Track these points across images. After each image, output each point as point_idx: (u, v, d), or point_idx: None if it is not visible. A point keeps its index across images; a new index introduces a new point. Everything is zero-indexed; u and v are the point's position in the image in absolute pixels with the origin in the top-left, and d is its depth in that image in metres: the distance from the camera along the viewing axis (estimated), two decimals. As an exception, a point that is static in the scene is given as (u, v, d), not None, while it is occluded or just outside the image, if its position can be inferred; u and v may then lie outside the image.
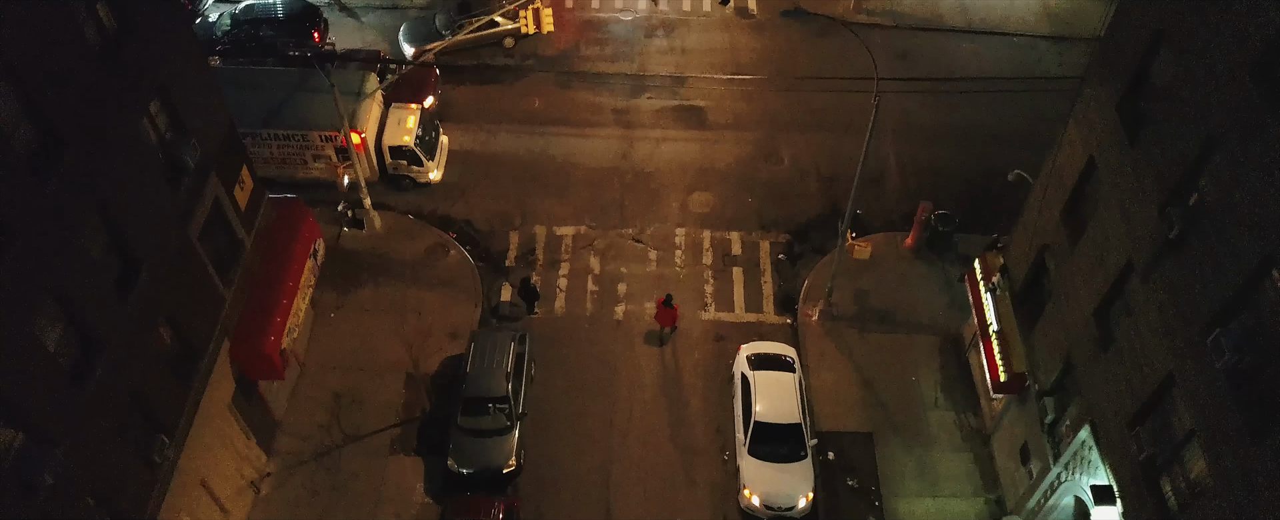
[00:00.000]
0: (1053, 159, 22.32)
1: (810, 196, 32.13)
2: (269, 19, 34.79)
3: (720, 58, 36.62)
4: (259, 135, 29.20)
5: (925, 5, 38.87)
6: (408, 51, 35.06)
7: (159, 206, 19.35)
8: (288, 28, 34.72)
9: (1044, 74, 36.32)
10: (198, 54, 20.84)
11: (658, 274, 29.84)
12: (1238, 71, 15.18)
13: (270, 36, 34.37)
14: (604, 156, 33.12)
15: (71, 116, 16.40)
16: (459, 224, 31.17)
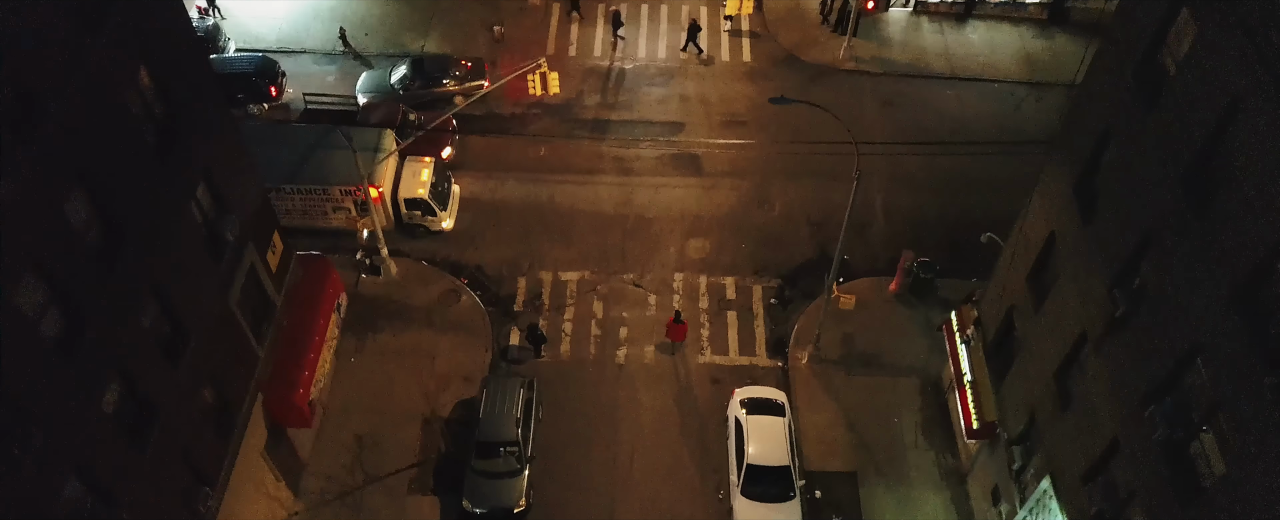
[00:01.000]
0: (1020, 226, 24.28)
1: (800, 242, 34.07)
2: (225, 74, 36.07)
3: (716, 105, 38.57)
4: (283, 190, 31.12)
5: (910, 52, 40.82)
6: (361, 101, 36.74)
7: (204, 280, 21.28)
8: (242, 83, 36.33)
9: (1022, 118, 38.30)
10: (235, 134, 22.78)
11: (657, 318, 31.78)
12: (1170, 177, 17.13)
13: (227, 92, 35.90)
14: (606, 203, 35.06)
15: (131, 210, 18.33)
16: (470, 269, 33.12)
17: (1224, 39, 15.54)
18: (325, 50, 40.00)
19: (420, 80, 36.93)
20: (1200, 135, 16.16)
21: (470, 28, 41.23)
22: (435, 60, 37.64)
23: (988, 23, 42.14)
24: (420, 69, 37.24)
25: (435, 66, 37.41)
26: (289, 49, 40.07)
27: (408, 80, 36.86)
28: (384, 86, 36.97)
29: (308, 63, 39.68)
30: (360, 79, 37.64)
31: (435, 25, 41.16)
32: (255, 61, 36.85)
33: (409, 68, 37.26)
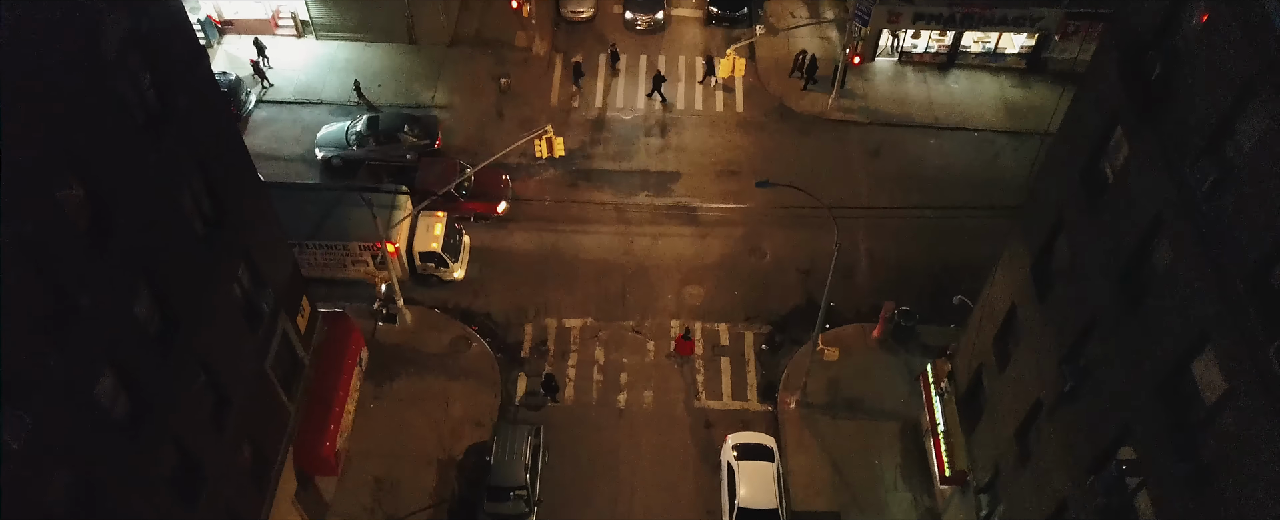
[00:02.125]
0: (987, 293, 26.52)
1: (789, 289, 36.29)
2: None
3: (711, 156, 40.78)
4: (306, 245, 33.30)
5: (896, 102, 43.04)
6: (318, 155, 38.74)
7: (244, 350, 23.49)
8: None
9: (1001, 167, 40.51)
10: (271, 214, 24.99)
11: (655, 363, 34.00)
12: (1109, 274, 19.35)
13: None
14: (607, 251, 37.27)
15: (185, 297, 20.54)
16: (479, 316, 35.32)
17: (1149, 163, 17.78)
18: (341, 101, 42.18)
19: (374, 136, 38.90)
20: (1131, 243, 18.39)
21: (478, 79, 43.45)
22: (389, 117, 39.50)
23: (969, 72, 44.37)
24: (375, 126, 39.10)
25: (389, 123, 39.19)
26: (306, 100, 42.26)
27: (363, 136, 38.87)
28: (340, 141, 38.96)
29: (324, 114, 41.85)
30: (320, 132, 39.62)
31: (444, 77, 43.37)
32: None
33: (365, 124, 39.15)
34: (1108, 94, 19.42)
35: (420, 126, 39.33)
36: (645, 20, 45.58)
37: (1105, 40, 20.11)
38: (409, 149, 38.84)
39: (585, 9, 46.05)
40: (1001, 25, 42.24)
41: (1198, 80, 16.37)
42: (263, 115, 41.65)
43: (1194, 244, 16.22)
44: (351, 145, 38.67)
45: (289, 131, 40.94)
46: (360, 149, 38.60)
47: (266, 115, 41.66)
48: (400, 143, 38.78)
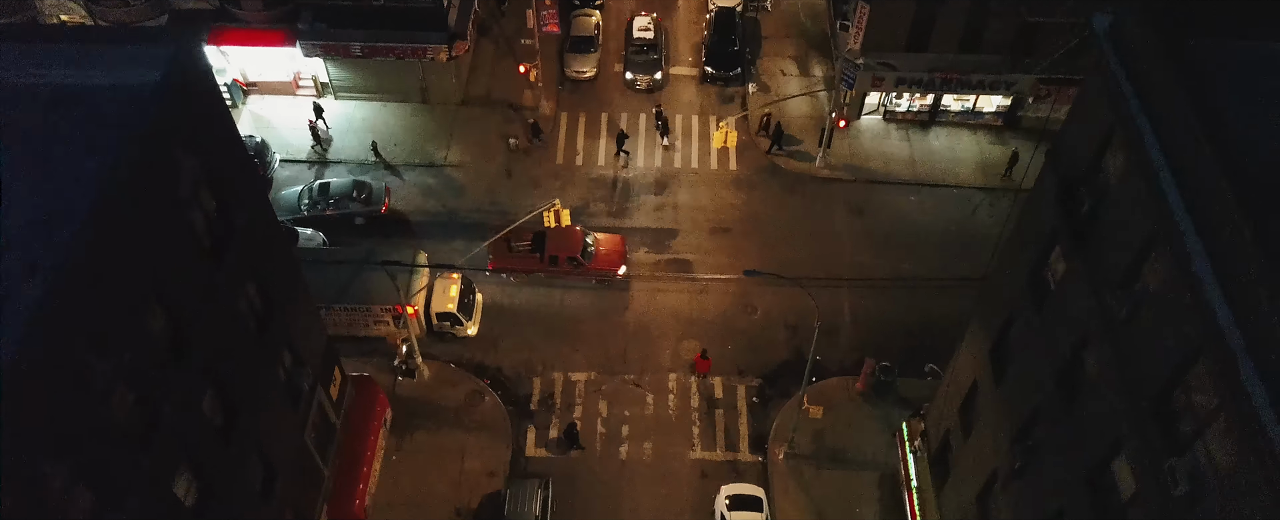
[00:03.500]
0: (953, 364, 29.35)
1: (778, 344, 39.11)
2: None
3: (706, 213, 43.60)
4: (332, 307, 36.09)
5: (879, 159, 45.88)
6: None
7: (287, 426, 26.31)
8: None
9: (977, 223, 43.31)
10: (309, 301, 27.80)
11: (655, 416, 36.83)
12: (1050, 371, 22.18)
13: None
14: (609, 307, 40.07)
15: (242, 391, 23.35)
16: (491, 371, 38.13)
17: (1080, 284, 20.61)
18: (359, 160, 45.00)
19: (324, 201, 41.68)
20: (1066, 350, 21.22)
21: (488, 138, 46.27)
22: (340, 184, 42.10)
23: (949, 129, 47.21)
24: (326, 192, 41.91)
25: (339, 189, 41.89)
26: (327, 159, 45.07)
27: (314, 202, 41.68)
28: (293, 206, 41.73)
29: (343, 172, 44.65)
30: (277, 194, 42.45)
31: (456, 137, 46.19)
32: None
33: (317, 190, 42.01)
34: (1048, 214, 22.26)
35: (368, 192, 42.01)
36: (644, 80, 48.40)
37: (1048, 162, 22.93)
38: (358, 213, 41.54)
39: (588, 69, 48.87)
40: (978, 89, 45.10)
41: (1118, 221, 19.20)
42: (286, 174, 44.47)
43: (1112, 363, 19.04)
44: (303, 210, 41.50)
45: (311, 191, 43.76)
46: (311, 213, 41.40)
47: (289, 174, 44.48)
48: (349, 207, 41.46)
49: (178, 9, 44.34)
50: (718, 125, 43.06)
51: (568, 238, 40.02)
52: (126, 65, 20.44)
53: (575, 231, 40.39)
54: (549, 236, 40.07)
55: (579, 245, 39.83)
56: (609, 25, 51.93)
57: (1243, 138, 17.37)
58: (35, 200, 18.72)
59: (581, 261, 39.63)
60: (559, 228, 40.26)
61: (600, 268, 40.04)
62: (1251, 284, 14.86)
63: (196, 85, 21.35)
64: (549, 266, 39.83)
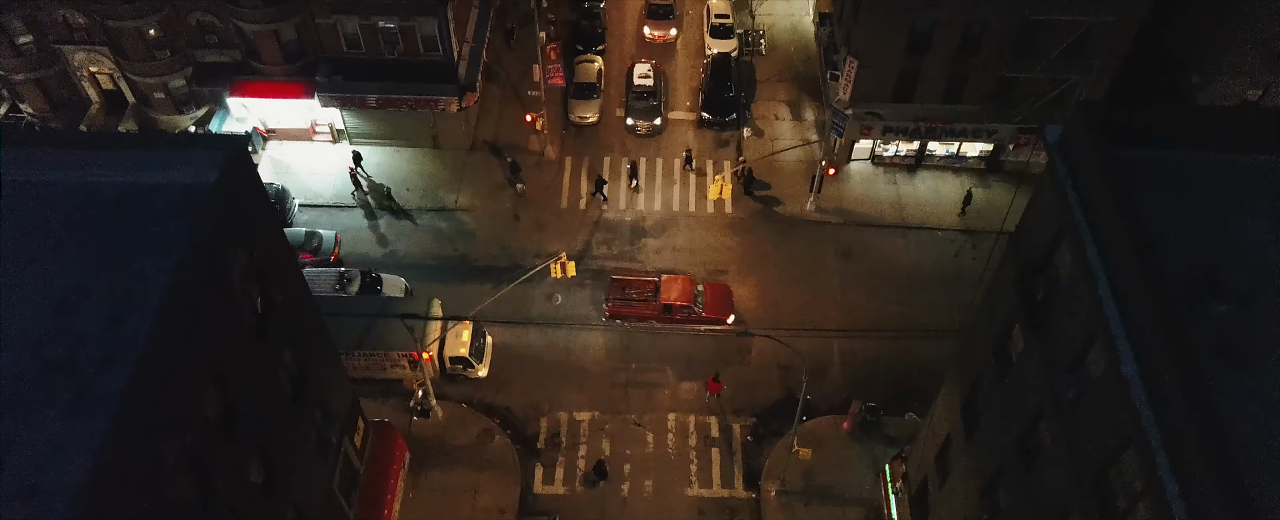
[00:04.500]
0: (931, 415, 31.75)
1: (771, 384, 41.50)
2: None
3: (703, 255, 46.00)
4: (352, 354, 38.48)
5: (868, 203, 48.29)
6: None
7: (318, 476, 28.70)
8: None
9: (960, 265, 45.69)
10: (337, 362, 30.18)
11: (656, 454, 39.22)
12: (1012, 434, 24.57)
13: None
14: (612, 348, 42.45)
15: (281, 451, 25.73)
16: (501, 411, 40.53)
17: (1035, 363, 23.01)
18: (374, 205, 47.39)
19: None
20: (1025, 418, 23.62)
21: (496, 182, 48.66)
22: (294, 234, 44.12)
23: (935, 173, 49.63)
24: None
25: (293, 239, 43.79)
26: (343, 204, 47.48)
27: None
28: None
29: (359, 216, 47.06)
30: None
31: (466, 181, 48.59)
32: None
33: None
34: (1009, 294, 24.65)
35: (319, 241, 44.46)
36: (645, 126, 50.81)
37: (1010, 246, 25.31)
38: (309, 261, 43.86)
39: (591, 114, 51.28)
40: (962, 137, 47.53)
41: (1066, 313, 21.60)
42: (306, 218, 46.86)
43: (1059, 438, 21.45)
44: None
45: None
46: None
47: (308, 219, 46.87)
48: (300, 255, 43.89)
49: (202, 62, 46.75)
50: (713, 178, 45.45)
51: (681, 288, 42.30)
52: (183, 167, 22.81)
53: (688, 281, 42.66)
54: (662, 286, 42.35)
55: (691, 295, 42.12)
56: (611, 70, 54.33)
57: (1171, 244, 19.83)
58: (104, 296, 21.11)
59: (694, 310, 41.84)
60: (673, 277, 42.69)
61: (712, 316, 42.30)
62: (1169, 387, 17.26)
63: (246, 184, 23.72)
64: (663, 315, 42.09)
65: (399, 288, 42.80)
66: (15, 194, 22.81)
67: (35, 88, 47.25)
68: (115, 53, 45.72)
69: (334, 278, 42.05)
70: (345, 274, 42.21)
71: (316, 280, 41.62)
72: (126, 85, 47.78)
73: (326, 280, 41.95)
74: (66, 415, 19.07)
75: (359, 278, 42.21)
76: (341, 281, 41.87)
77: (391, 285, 42.79)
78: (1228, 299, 18.81)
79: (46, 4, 44.05)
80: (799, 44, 56.32)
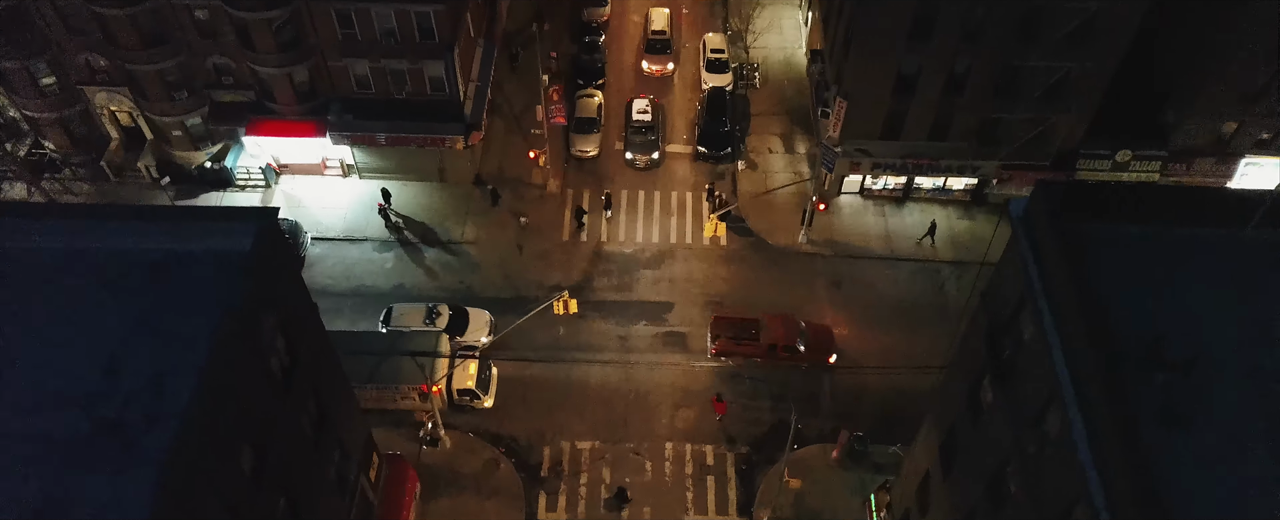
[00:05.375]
0: (912, 451, 33.73)
1: (763, 413, 43.45)
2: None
3: (699, 287, 47.96)
4: (365, 387, 40.45)
5: (857, 234, 50.26)
6: None
7: (336, 511, 30.67)
8: None
9: (945, 296, 47.69)
10: (352, 396, 32.13)
11: (653, 483, 41.17)
12: (983, 478, 26.54)
13: None
14: (611, 379, 44.41)
15: (305, 491, 27.69)
16: (506, 440, 42.48)
17: (1002, 416, 24.99)
18: (383, 238, 49.34)
19: None
20: (994, 464, 25.60)
21: (500, 215, 50.61)
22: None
23: (922, 205, 51.61)
24: None
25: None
26: (353, 237, 49.43)
27: None
28: None
29: (369, 250, 49.02)
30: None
31: (471, 214, 50.54)
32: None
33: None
34: (979, 349, 26.63)
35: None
36: (643, 160, 52.78)
37: (981, 303, 27.28)
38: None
39: (591, 148, 53.24)
40: (947, 172, 49.50)
41: (1029, 372, 23.58)
42: (317, 252, 48.82)
43: (1022, 487, 23.42)
44: None
45: (338, 269, 48.09)
46: None
47: (320, 252, 48.84)
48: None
49: (218, 101, 48.70)
50: (708, 216, 47.43)
51: (786, 327, 44.08)
52: (219, 236, 24.78)
53: (793, 321, 44.46)
54: (767, 326, 44.11)
55: (796, 334, 43.98)
56: (610, 104, 56.30)
57: (1122, 313, 21.82)
58: (148, 357, 23.09)
59: (799, 350, 43.77)
60: (778, 316, 44.37)
61: (815, 356, 44.13)
62: (1112, 451, 19.24)
63: (276, 251, 25.68)
64: (768, 354, 43.88)
65: (484, 322, 44.74)
66: (66, 260, 24.79)
67: (57, 125, 49.23)
68: (135, 93, 47.67)
69: (424, 311, 44.04)
70: (433, 308, 44.26)
71: (407, 313, 43.85)
72: (145, 123, 49.75)
73: (416, 313, 43.96)
74: (116, 474, 21.05)
75: (447, 312, 44.21)
76: (430, 316, 43.83)
77: (477, 319, 44.78)
78: (1169, 368, 20.78)
79: (70, 48, 46.01)
80: (792, 77, 58.30)
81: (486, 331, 44.42)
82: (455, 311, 44.56)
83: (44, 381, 22.65)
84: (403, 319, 43.92)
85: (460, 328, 44.22)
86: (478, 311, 45.16)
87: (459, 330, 44.13)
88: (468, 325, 44.40)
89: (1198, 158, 48.23)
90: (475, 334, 44.26)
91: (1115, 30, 42.04)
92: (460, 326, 44.25)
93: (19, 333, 23.54)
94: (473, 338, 44.08)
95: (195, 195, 50.60)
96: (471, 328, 44.40)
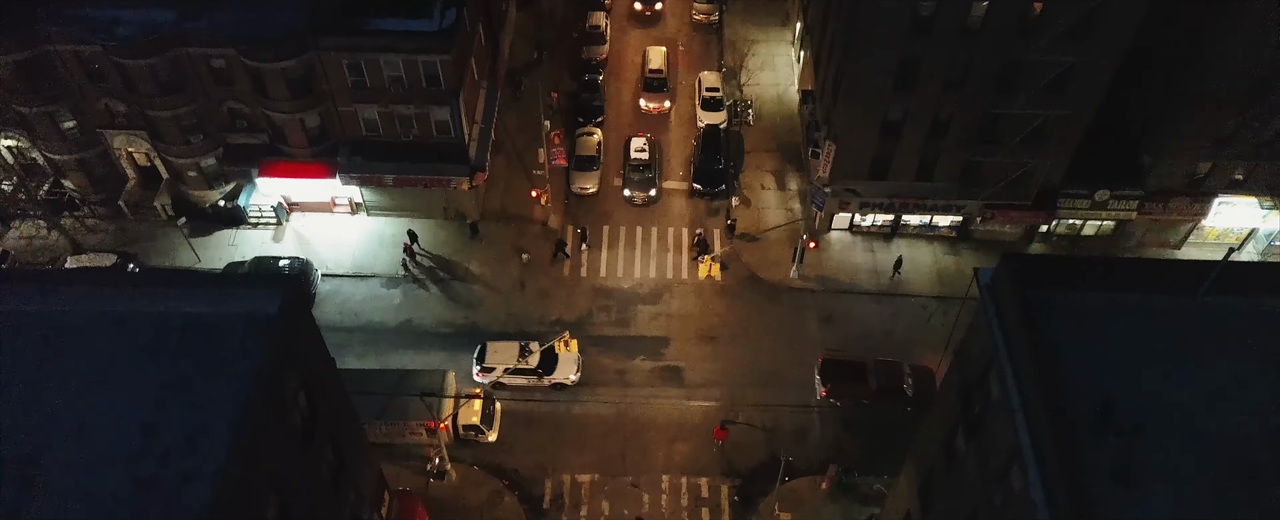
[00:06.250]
0: (894, 491, 35.65)
1: (756, 446, 45.36)
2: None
3: (695, 322, 49.89)
4: (375, 424, 42.35)
5: (847, 270, 52.23)
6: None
7: (352, 551, 32.57)
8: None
9: (930, 330, 49.61)
10: (366, 442, 34.04)
11: (650, 515, 43.04)
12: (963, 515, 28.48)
13: None
14: (610, 413, 46.31)
15: (323, 534, 29.60)
16: (509, 472, 44.37)
17: (972, 467, 26.90)
18: (390, 275, 51.26)
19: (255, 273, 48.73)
20: (967, 510, 27.51)
21: (504, 250, 52.56)
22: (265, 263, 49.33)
23: (909, 240, 53.59)
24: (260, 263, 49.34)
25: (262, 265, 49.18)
26: (362, 274, 51.35)
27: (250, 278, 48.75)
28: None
29: (377, 286, 50.96)
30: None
31: (475, 251, 52.48)
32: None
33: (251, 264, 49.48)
34: (953, 402, 28.58)
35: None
36: (641, 197, 54.75)
37: (954, 360, 29.23)
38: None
39: (591, 185, 55.22)
40: (933, 211, 51.49)
41: (995, 429, 25.52)
42: (327, 289, 50.74)
43: (991, 537, 25.38)
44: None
45: (347, 305, 50.02)
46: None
47: (330, 289, 50.75)
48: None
49: (232, 144, 50.67)
50: (702, 259, 49.43)
51: (892, 372, 46.09)
52: (247, 300, 26.70)
53: (897, 366, 46.42)
54: (875, 370, 46.08)
55: (902, 378, 45.96)
56: (609, 141, 58.30)
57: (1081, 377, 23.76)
58: (183, 416, 24.97)
59: (906, 393, 45.74)
60: (883, 361, 46.31)
61: (919, 398, 45.80)
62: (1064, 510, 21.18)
63: (300, 314, 27.60)
64: (875, 397, 45.77)
65: (573, 359, 46.60)
66: (105, 324, 26.70)
67: (77, 167, 51.18)
68: (153, 136, 49.62)
69: (517, 349, 46.15)
70: (525, 346, 46.32)
71: (500, 351, 46.15)
72: (161, 163, 51.70)
73: (509, 351, 46.15)
74: (158, 531, 22.93)
75: (538, 350, 46.37)
76: (523, 354, 45.92)
77: (566, 356, 46.64)
78: (1120, 431, 22.73)
79: (91, 94, 47.98)
80: (784, 113, 60.32)
81: (575, 369, 46.38)
82: (546, 351, 46.50)
83: (88, 441, 24.52)
84: (496, 356, 45.93)
85: (551, 366, 46.30)
86: (569, 356, 46.94)
87: (549, 368, 46.25)
88: (557, 363, 46.41)
89: (1173, 197, 50.20)
90: (564, 372, 46.31)
91: (1090, 81, 44.07)
92: (550, 364, 46.33)
93: (63, 394, 25.41)
94: (562, 375, 46.20)
95: (209, 232, 52.56)
96: (561, 365, 46.41)
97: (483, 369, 45.83)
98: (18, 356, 26.01)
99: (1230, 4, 41.90)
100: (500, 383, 46.25)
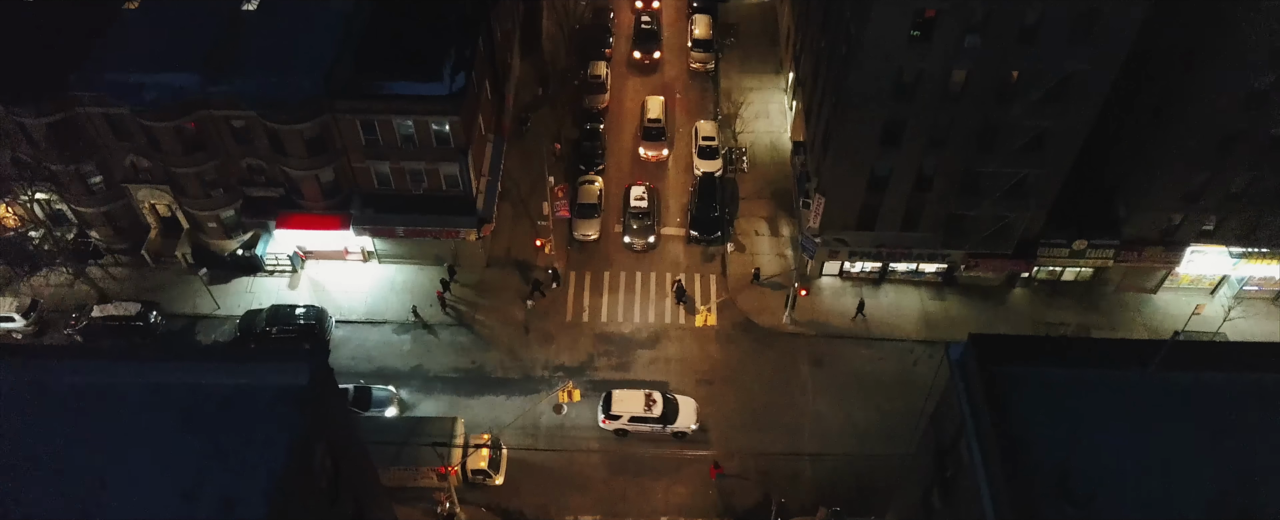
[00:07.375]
0: (880, 535, 37.97)
1: (750, 488, 47.64)
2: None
3: (691, 366, 52.23)
4: (388, 468, 44.66)
5: (837, 315, 54.60)
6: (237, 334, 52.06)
7: (371, 597, 34.84)
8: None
9: (917, 374, 51.92)
10: (383, 492, 36.34)
11: (649, 554, 45.40)
12: (933, 574, 30.79)
13: None
14: (610, 456, 48.59)
15: (346, 585, 31.86)
16: (515, 514, 46.62)
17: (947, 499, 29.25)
18: (401, 321, 53.64)
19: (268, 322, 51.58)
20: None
21: (508, 297, 54.93)
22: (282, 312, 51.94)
23: (897, 286, 55.98)
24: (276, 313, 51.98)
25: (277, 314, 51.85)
26: (374, 320, 53.73)
27: (263, 322, 51.42)
28: (251, 327, 51.54)
29: (388, 332, 53.32)
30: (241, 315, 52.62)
31: (481, 296, 54.86)
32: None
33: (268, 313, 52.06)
34: (929, 463, 30.91)
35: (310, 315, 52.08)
36: (640, 243, 57.18)
37: (930, 424, 31.57)
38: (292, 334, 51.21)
39: (593, 232, 57.65)
40: (918, 259, 53.91)
41: (965, 494, 27.84)
42: (340, 335, 53.09)
43: (962, 592, 27.69)
44: (257, 330, 51.48)
45: (360, 351, 52.37)
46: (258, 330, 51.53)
47: (343, 335, 53.11)
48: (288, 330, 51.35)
49: (250, 196, 53.13)
50: (698, 308, 51.87)
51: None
52: (278, 373, 29.06)
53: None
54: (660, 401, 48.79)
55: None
56: (610, 189, 60.76)
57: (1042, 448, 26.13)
58: (220, 483, 27.29)
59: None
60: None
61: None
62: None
63: (327, 384, 29.96)
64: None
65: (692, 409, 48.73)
66: (147, 395, 29.05)
67: (102, 218, 53.60)
68: (175, 190, 52.08)
69: (643, 399, 48.39)
70: (650, 396, 48.58)
71: (625, 399, 48.32)
72: (182, 215, 54.13)
73: (635, 400, 48.32)
74: (201, 593, 25.24)
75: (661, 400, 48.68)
76: (648, 404, 48.19)
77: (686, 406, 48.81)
78: (1074, 501, 25.09)
79: (117, 152, 50.46)
80: (778, 160, 62.80)
81: (694, 419, 48.69)
82: (668, 400, 48.85)
83: (132, 507, 26.82)
84: (622, 405, 48.23)
85: (672, 416, 48.58)
86: (686, 400, 49.41)
87: (670, 418, 48.52)
88: (678, 412, 48.73)
89: (1148, 246, 52.63)
90: (685, 421, 48.60)
91: (1064, 142, 46.57)
92: (672, 414, 48.63)
93: (109, 462, 27.70)
94: (683, 424, 48.48)
95: (227, 280, 54.96)
96: (681, 414, 48.71)
97: (608, 416, 48.11)
98: (65, 427, 28.33)
99: (1199, 72, 44.45)
100: (622, 429, 48.57)
